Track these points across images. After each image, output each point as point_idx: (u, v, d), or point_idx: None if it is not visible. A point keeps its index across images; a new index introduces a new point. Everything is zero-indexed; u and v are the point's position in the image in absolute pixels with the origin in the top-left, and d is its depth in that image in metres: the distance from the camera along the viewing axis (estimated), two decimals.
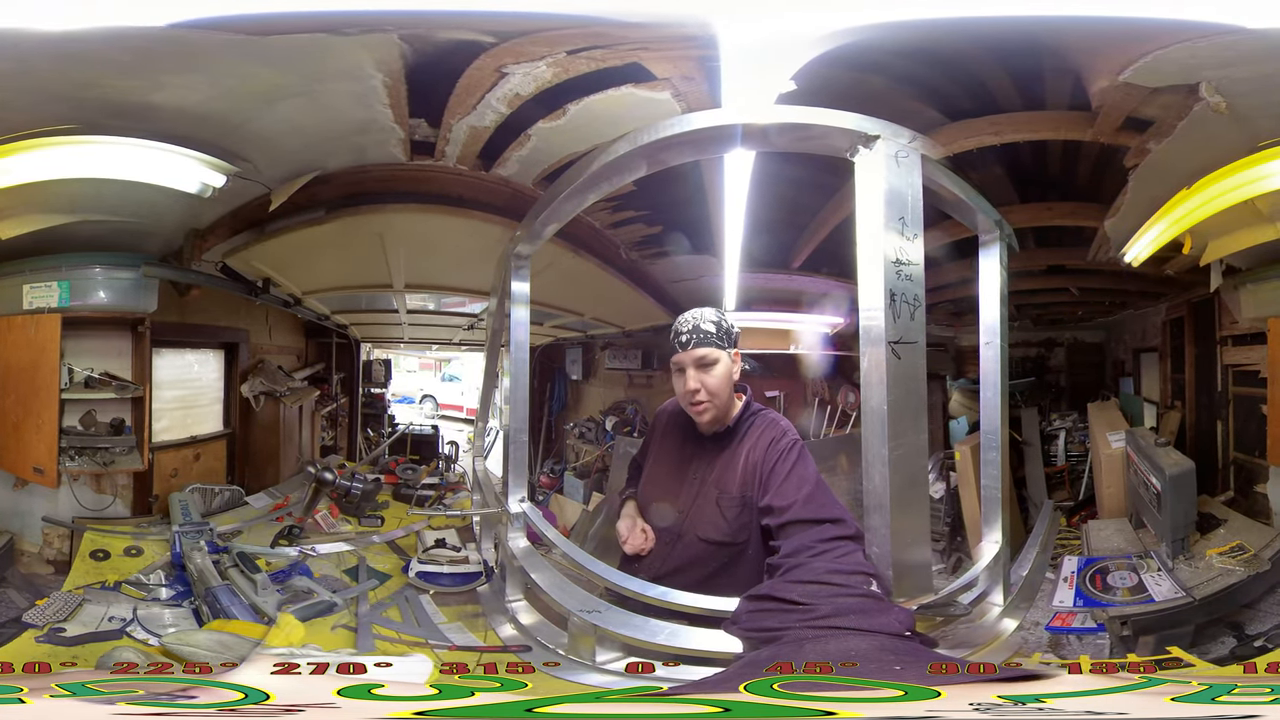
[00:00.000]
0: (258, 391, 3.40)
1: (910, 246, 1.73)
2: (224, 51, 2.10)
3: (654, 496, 2.10)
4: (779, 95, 2.08)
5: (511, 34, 2.11)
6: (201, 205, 2.66)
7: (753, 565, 1.93)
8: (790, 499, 1.84)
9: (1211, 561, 2.44)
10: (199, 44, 2.06)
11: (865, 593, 1.63)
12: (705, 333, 1.97)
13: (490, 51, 2.18)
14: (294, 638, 2.17)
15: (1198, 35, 1.98)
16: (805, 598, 1.61)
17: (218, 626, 2.26)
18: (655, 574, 1.99)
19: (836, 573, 1.66)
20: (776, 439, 1.97)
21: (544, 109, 2.43)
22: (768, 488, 1.90)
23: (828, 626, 1.55)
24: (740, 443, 2.00)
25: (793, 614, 1.60)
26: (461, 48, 2.20)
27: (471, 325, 3.68)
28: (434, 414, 3.96)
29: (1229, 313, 2.78)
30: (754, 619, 1.66)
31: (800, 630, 1.56)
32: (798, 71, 2.07)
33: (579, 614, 1.94)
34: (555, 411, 3.97)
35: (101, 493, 2.87)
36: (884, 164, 1.73)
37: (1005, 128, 2.49)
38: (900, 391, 1.71)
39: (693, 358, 1.97)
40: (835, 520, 1.78)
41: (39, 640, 2.21)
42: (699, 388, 1.97)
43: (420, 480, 3.47)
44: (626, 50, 2.16)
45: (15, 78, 2.10)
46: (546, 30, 2.10)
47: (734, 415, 2.04)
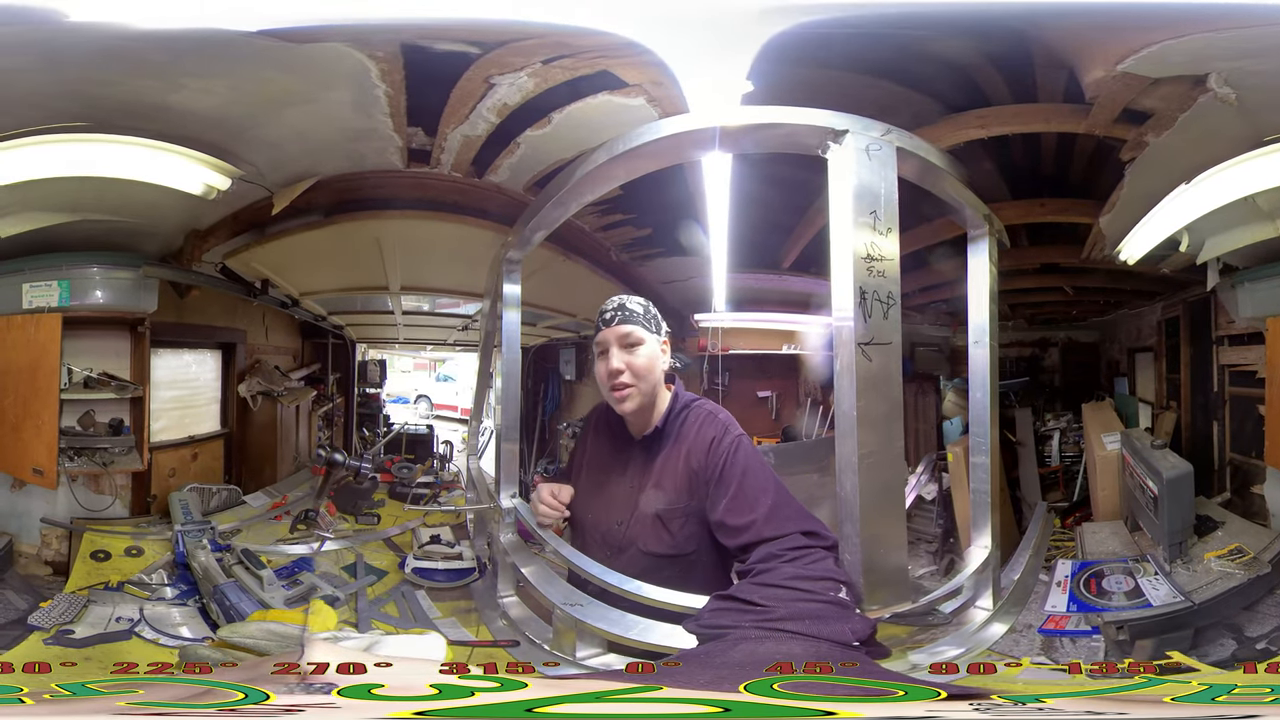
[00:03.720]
0: (255, 391, 3.40)
1: (883, 241, 1.69)
2: (253, 56, 2.12)
3: (589, 507, 1.99)
4: (742, 95, 2.05)
5: (492, 44, 2.15)
6: (202, 207, 2.67)
7: (708, 572, 1.86)
8: (749, 516, 1.75)
9: (1210, 565, 2.43)
10: (232, 46, 2.08)
11: (829, 599, 1.60)
12: (630, 311, 1.86)
13: (478, 62, 2.22)
14: (330, 623, 2.19)
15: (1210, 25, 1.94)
16: (765, 600, 1.59)
17: (259, 617, 2.26)
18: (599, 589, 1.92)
19: (803, 578, 1.63)
20: (718, 438, 1.83)
21: (530, 118, 2.47)
22: (716, 501, 1.79)
23: (776, 629, 1.53)
24: (675, 444, 1.88)
25: (748, 614, 1.58)
26: (453, 59, 2.23)
27: (465, 326, 3.68)
28: (428, 414, 3.96)
29: (1225, 312, 2.77)
30: (712, 617, 1.65)
31: (746, 630, 1.55)
32: (759, 69, 2.04)
33: (562, 607, 1.92)
34: (549, 411, 3.96)
35: (100, 493, 2.87)
36: (854, 158, 1.71)
37: (993, 121, 2.47)
38: (871, 396, 1.67)
39: (616, 334, 1.84)
40: (806, 531, 1.71)
41: (47, 643, 2.21)
42: (623, 368, 1.82)
43: (415, 479, 3.47)
44: (590, 59, 2.17)
45: (40, 73, 2.12)
46: (520, 40, 2.12)
47: (663, 412, 1.90)
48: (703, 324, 3.30)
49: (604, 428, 2.04)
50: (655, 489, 1.88)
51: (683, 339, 3.25)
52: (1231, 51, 2.02)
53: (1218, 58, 2.05)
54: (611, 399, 1.88)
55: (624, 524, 1.92)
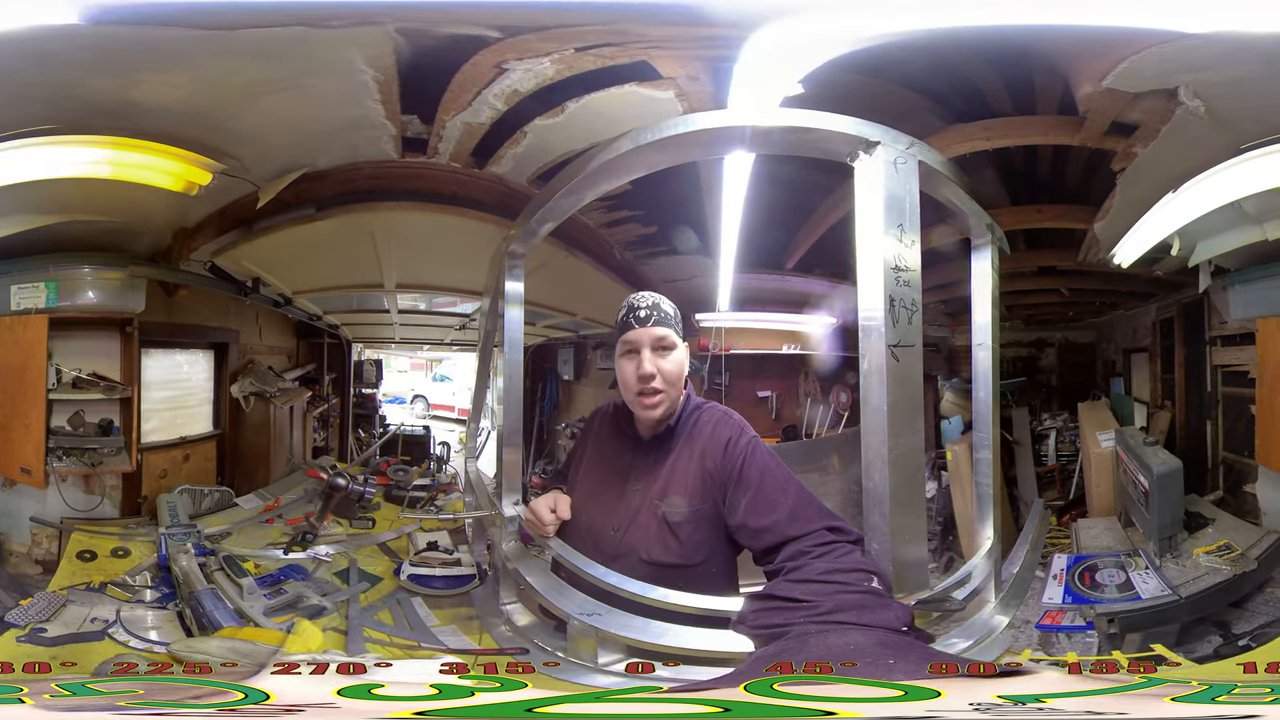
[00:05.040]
0: (248, 392, 3.38)
1: (908, 253, 1.74)
2: (201, 45, 2.03)
3: (584, 511, 1.93)
4: (784, 99, 2.06)
5: (522, 29, 2.06)
6: (189, 204, 2.63)
7: (713, 586, 1.80)
8: (772, 516, 1.73)
9: (1199, 560, 2.45)
10: (172, 38, 1.99)
11: (866, 589, 1.61)
12: (666, 313, 1.80)
13: (492, 46, 2.13)
14: (313, 644, 2.12)
15: (1156, 41, 1.98)
16: (808, 595, 1.59)
17: (229, 634, 2.19)
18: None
19: (837, 571, 1.64)
20: (734, 439, 1.80)
21: (541, 106, 2.38)
22: (736, 503, 1.76)
23: (831, 621, 1.54)
24: (687, 444, 1.84)
25: (797, 611, 1.58)
26: (458, 43, 2.15)
27: (463, 325, 3.66)
28: (425, 414, 3.94)
29: (1218, 313, 2.80)
30: (760, 617, 1.64)
31: (805, 625, 1.55)
32: (805, 76, 2.06)
33: (579, 617, 1.87)
34: (547, 412, 3.96)
35: (90, 493, 2.85)
36: (883, 170, 1.74)
37: (997, 133, 2.52)
38: (899, 393, 1.71)
39: (651, 336, 1.77)
40: (830, 528, 1.72)
41: (20, 640, 2.18)
42: (654, 373, 1.76)
43: (412, 481, 3.44)
44: (638, 49, 2.12)
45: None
46: (561, 26, 2.05)
47: (675, 413, 1.85)
48: (705, 324, 3.30)
49: (607, 429, 1.99)
50: (663, 492, 1.83)
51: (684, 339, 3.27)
52: (1187, 65, 2.06)
53: (1178, 71, 2.10)
54: (637, 403, 1.82)
55: (621, 530, 1.86)
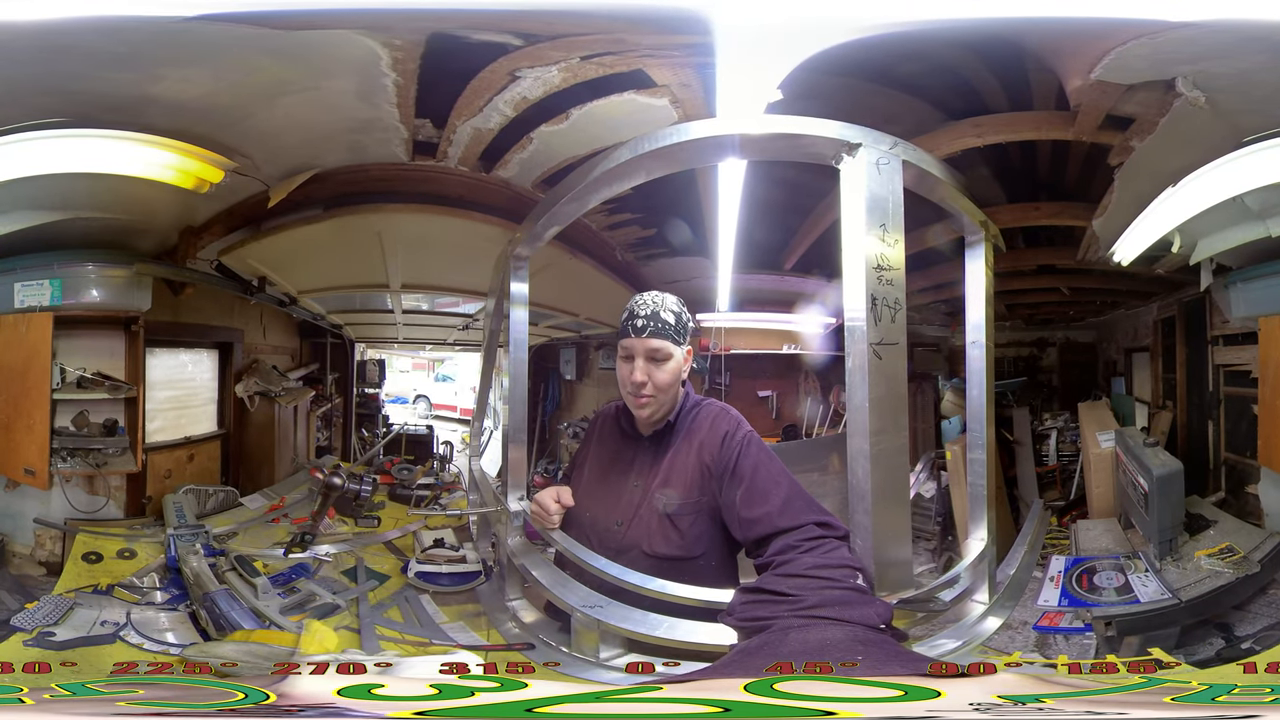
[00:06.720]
0: (252, 392, 3.38)
1: (891, 252, 1.79)
2: (233, 44, 2.06)
3: (587, 507, 2.00)
4: (767, 105, 2.09)
5: (539, 37, 2.11)
6: (196, 202, 2.64)
7: (713, 578, 1.87)
8: (763, 508, 1.80)
9: (1200, 563, 2.44)
10: (206, 35, 2.01)
11: (850, 586, 1.66)
12: (664, 323, 1.88)
13: (510, 55, 2.18)
14: (328, 644, 2.13)
15: (1143, 32, 1.97)
16: (794, 589, 1.64)
17: (241, 637, 2.21)
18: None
19: (823, 567, 1.69)
20: (730, 433, 1.88)
21: (546, 113, 2.43)
22: (731, 495, 1.83)
23: (814, 616, 1.58)
24: (686, 438, 1.92)
25: (782, 604, 1.63)
26: (479, 49, 2.19)
27: (466, 325, 3.67)
28: (428, 414, 3.94)
29: (1220, 312, 2.78)
30: (747, 609, 1.69)
31: (788, 619, 1.59)
32: (785, 79, 2.08)
33: (581, 610, 1.93)
34: (549, 412, 3.96)
35: (94, 494, 2.84)
36: (866, 171, 1.79)
37: (988, 129, 2.51)
38: (882, 390, 1.76)
39: (645, 347, 1.87)
40: (819, 523, 1.78)
41: (27, 644, 2.17)
42: (645, 380, 1.86)
43: (416, 480, 3.45)
44: (634, 57, 2.17)
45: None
46: (568, 35, 2.09)
47: (675, 409, 1.94)
48: (705, 324, 3.31)
49: (609, 427, 2.07)
50: (664, 486, 1.90)
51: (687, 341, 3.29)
52: (1182, 55, 2.04)
53: (1173, 61, 2.08)
54: (631, 402, 1.93)
55: (624, 525, 1.93)
